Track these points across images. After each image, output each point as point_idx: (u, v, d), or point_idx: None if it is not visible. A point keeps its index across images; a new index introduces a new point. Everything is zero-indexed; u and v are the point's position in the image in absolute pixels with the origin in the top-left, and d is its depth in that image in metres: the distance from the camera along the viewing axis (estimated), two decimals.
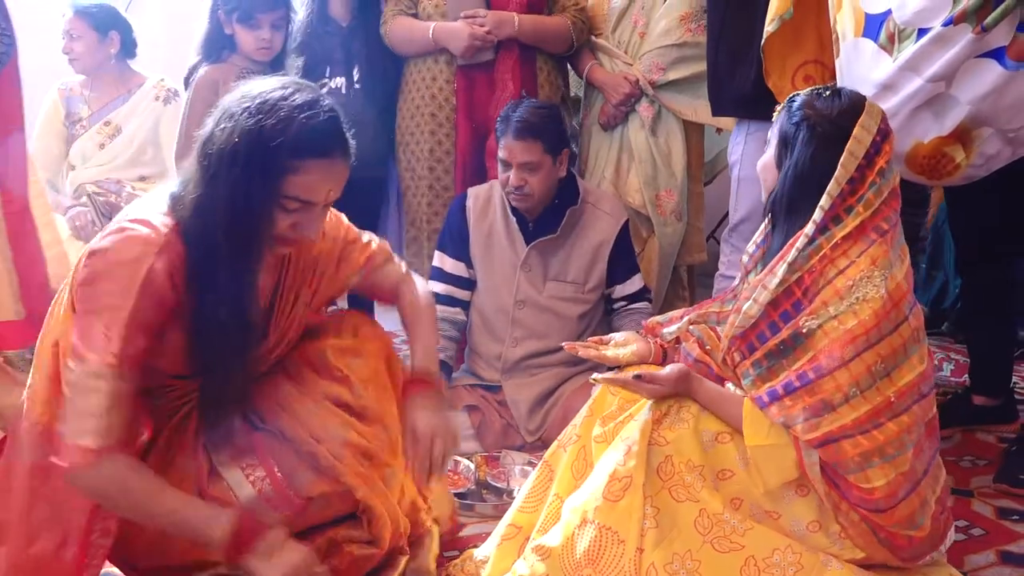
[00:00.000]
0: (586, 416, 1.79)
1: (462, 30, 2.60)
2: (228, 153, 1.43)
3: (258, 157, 1.42)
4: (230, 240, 1.47)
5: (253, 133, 1.42)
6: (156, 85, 3.08)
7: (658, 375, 1.66)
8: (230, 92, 1.51)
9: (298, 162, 1.44)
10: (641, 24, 2.81)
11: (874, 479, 1.52)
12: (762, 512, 1.61)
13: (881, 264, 1.55)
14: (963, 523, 2.02)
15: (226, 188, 1.44)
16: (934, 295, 3.44)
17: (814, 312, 1.56)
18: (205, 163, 1.46)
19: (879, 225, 1.58)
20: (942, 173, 1.97)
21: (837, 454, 1.53)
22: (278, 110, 1.43)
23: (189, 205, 1.47)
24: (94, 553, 1.49)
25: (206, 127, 1.49)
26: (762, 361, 1.62)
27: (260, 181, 1.44)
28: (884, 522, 1.55)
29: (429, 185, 2.77)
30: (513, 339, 2.51)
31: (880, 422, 1.53)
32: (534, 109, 2.38)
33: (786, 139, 1.65)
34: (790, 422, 1.55)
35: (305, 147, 1.44)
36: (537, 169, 2.37)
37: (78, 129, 3.03)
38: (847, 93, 1.66)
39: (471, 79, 2.69)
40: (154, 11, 3.61)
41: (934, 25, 1.80)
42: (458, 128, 2.71)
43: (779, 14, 2.12)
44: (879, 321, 1.53)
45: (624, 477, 1.59)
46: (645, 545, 1.55)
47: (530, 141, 2.34)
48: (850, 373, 1.52)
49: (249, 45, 2.58)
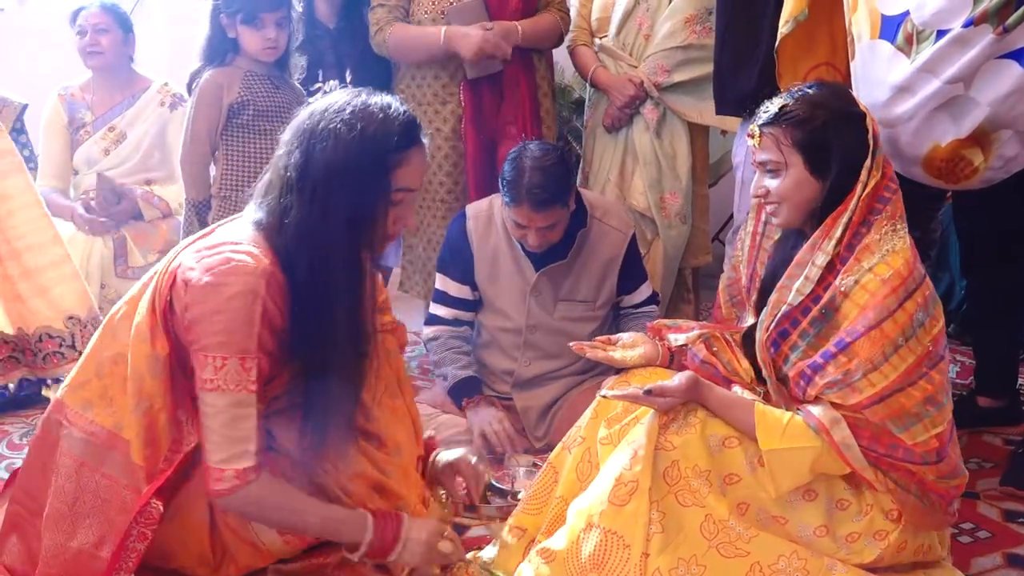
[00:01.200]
0: (591, 418, 1.79)
1: (476, 35, 2.56)
2: (338, 167, 1.49)
3: (369, 160, 1.51)
4: (343, 252, 1.53)
5: (359, 141, 1.50)
6: (161, 90, 3.06)
7: (668, 387, 1.65)
8: (302, 111, 1.57)
9: (403, 154, 1.54)
10: (646, 26, 2.81)
11: (932, 428, 1.58)
12: (769, 517, 1.61)
13: (899, 217, 1.63)
14: (969, 525, 2.01)
15: (341, 201, 1.50)
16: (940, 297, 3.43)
17: (849, 270, 1.60)
18: (304, 185, 1.50)
19: (888, 185, 1.65)
20: (960, 176, 1.96)
21: (893, 409, 1.56)
22: (371, 114, 1.52)
23: (292, 231, 1.52)
24: (128, 556, 1.52)
25: (286, 154, 1.53)
26: (808, 329, 1.64)
27: (375, 182, 1.52)
28: (936, 474, 1.60)
29: (441, 199, 2.75)
30: (526, 359, 2.49)
31: (924, 371, 1.58)
32: (545, 171, 2.22)
33: (819, 146, 1.63)
34: (846, 382, 1.57)
35: (406, 139, 1.55)
36: (556, 225, 2.31)
37: (82, 135, 3.00)
38: (813, 84, 1.72)
39: (478, 89, 2.68)
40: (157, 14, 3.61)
41: (954, 26, 1.78)
42: (466, 138, 2.70)
43: (794, 16, 2.11)
44: (911, 269, 1.59)
45: (630, 481, 1.58)
46: (651, 550, 1.55)
47: (550, 210, 2.26)
48: (896, 323, 1.56)
49: (255, 46, 2.57)
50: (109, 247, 2.93)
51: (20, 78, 3.22)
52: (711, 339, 1.81)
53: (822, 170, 1.64)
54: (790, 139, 1.64)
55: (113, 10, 2.97)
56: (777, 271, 1.74)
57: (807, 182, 1.65)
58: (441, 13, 2.64)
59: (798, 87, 1.71)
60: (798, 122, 1.64)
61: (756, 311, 1.79)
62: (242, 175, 2.58)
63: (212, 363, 1.47)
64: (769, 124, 1.66)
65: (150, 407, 1.54)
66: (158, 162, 3.03)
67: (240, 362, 1.47)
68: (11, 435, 2.57)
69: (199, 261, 1.50)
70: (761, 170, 1.70)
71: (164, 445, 1.55)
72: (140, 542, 1.52)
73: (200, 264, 1.50)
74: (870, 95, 1.97)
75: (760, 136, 1.67)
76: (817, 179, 1.65)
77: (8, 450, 2.48)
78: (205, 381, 1.48)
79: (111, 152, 3.00)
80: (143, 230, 2.88)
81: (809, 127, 1.63)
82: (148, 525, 1.51)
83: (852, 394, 1.57)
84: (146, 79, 3.07)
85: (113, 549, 1.51)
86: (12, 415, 2.70)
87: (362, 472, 1.65)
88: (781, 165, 1.66)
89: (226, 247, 1.51)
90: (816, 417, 1.59)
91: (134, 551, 1.52)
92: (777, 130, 1.65)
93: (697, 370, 1.76)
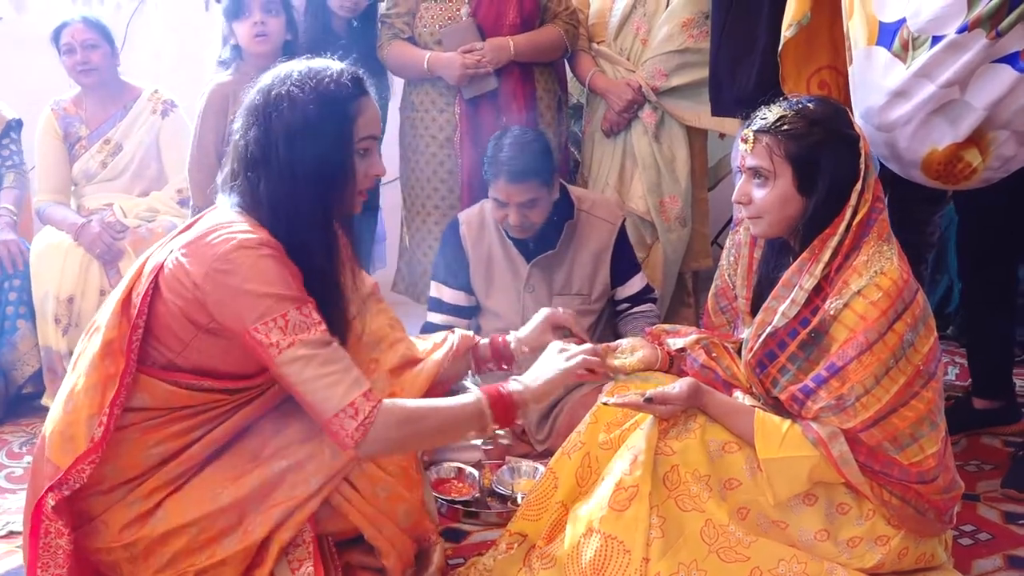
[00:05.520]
0: (590, 423, 1.79)
1: (455, 60, 2.61)
2: (298, 130, 1.48)
3: (330, 114, 1.50)
4: (319, 213, 1.52)
5: (315, 98, 1.49)
6: (151, 97, 3.01)
7: (669, 395, 1.65)
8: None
9: (357, 103, 1.54)
10: (643, 31, 2.81)
11: (927, 447, 1.59)
12: (769, 522, 1.61)
13: (886, 237, 1.63)
14: (970, 527, 2.01)
15: (307, 163, 1.49)
16: (938, 299, 3.43)
17: (838, 292, 1.59)
18: (268, 156, 1.49)
19: (875, 206, 1.64)
20: (959, 177, 1.97)
21: (888, 431, 1.57)
22: (318, 73, 1.52)
23: (266, 203, 1.51)
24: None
25: (243, 134, 1.53)
26: (798, 353, 1.63)
27: (339, 136, 1.52)
28: (930, 492, 1.60)
29: (435, 205, 2.77)
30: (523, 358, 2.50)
31: (916, 391, 1.59)
32: (522, 145, 2.33)
33: (809, 161, 1.63)
34: (840, 407, 1.57)
35: (356, 89, 1.54)
36: (535, 204, 2.36)
37: (78, 149, 2.97)
38: (813, 99, 1.71)
39: (475, 104, 2.70)
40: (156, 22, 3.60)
41: (948, 32, 1.80)
42: (461, 150, 2.71)
43: (797, 19, 2.12)
44: (900, 289, 1.58)
45: (630, 487, 1.58)
46: (651, 555, 1.55)
47: (526, 183, 2.31)
48: (886, 345, 1.56)
49: (246, 37, 2.54)
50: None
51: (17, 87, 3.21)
52: (710, 345, 1.81)
53: (808, 188, 1.63)
54: (783, 150, 1.64)
55: (97, 24, 2.90)
56: (763, 288, 1.75)
57: (792, 198, 1.65)
58: (438, 28, 2.67)
59: (799, 99, 1.70)
60: (794, 135, 1.63)
61: (751, 321, 1.79)
62: None
63: (275, 325, 1.43)
64: (765, 132, 1.66)
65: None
66: (155, 172, 3.02)
67: (298, 310, 1.45)
68: (10, 444, 2.58)
69: (196, 254, 1.47)
70: (749, 175, 1.70)
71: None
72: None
73: (200, 255, 1.47)
74: (867, 100, 1.98)
75: (754, 142, 1.67)
76: (802, 196, 1.64)
77: (8, 459, 2.48)
78: (276, 345, 1.44)
79: (108, 164, 2.98)
80: (140, 235, 2.87)
81: (804, 142, 1.63)
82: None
83: (846, 419, 1.58)
84: (136, 88, 3.03)
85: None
86: (12, 424, 2.70)
87: (365, 471, 1.63)
88: (770, 174, 1.66)
89: (221, 231, 1.48)
90: (815, 430, 1.60)
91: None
92: (772, 139, 1.65)
93: (696, 375, 1.76)
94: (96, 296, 2.81)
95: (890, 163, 2.07)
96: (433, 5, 2.69)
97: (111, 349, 1.51)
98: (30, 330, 2.78)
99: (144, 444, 1.55)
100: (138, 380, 1.52)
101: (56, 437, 1.52)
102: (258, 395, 1.62)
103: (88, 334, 1.59)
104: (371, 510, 1.64)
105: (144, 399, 1.54)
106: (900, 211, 2.59)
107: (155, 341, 1.53)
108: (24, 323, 2.79)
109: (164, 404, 1.55)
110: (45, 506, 1.46)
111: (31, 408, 2.80)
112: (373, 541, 1.65)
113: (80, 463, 1.47)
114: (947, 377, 3.03)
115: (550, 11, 2.78)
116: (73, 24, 2.87)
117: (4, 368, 2.78)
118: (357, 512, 1.63)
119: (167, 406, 1.55)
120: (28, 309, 2.79)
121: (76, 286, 2.77)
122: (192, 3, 3.41)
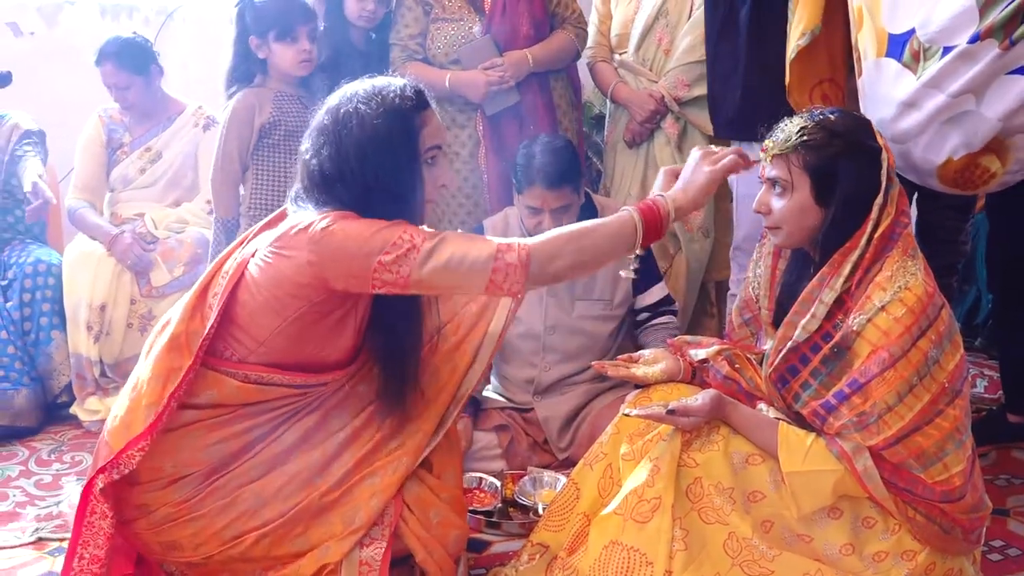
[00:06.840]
0: (612, 434, 1.79)
1: (478, 78, 2.63)
2: (368, 144, 1.55)
3: (398, 128, 1.57)
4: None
5: (383, 114, 1.56)
6: (195, 112, 3.08)
7: (692, 407, 1.64)
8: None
9: (422, 115, 1.61)
10: (666, 41, 2.81)
11: (952, 466, 1.55)
12: (794, 535, 1.60)
13: (911, 252, 1.60)
14: (999, 543, 1.99)
15: (380, 175, 1.56)
16: (966, 310, 3.39)
17: (861, 308, 1.57)
18: (343, 171, 1.56)
19: (900, 220, 1.62)
20: (977, 183, 1.96)
21: (912, 449, 1.54)
22: (382, 90, 1.59)
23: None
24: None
25: (315, 153, 1.58)
26: (820, 368, 1.62)
27: (408, 147, 1.59)
28: (955, 511, 1.57)
29: (461, 220, 2.77)
30: (546, 363, 2.51)
31: (940, 408, 1.55)
32: (555, 151, 2.36)
33: (827, 173, 1.62)
34: (862, 424, 1.55)
35: (419, 101, 1.62)
36: (569, 209, 2.38)
37: (119, 155, 3.03)
38: (836, 110, 1.69)
39: (496, 118, 2.71)
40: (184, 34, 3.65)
41: (959, 42, 1.78)
42: (487, 164, 2.72)
43: (809, 29, 2.13)
44: (925, 305, 1.55)
45: (653, 499, 1.58)
46: (674, 567, 1.55)
47: (562, 188, 2.34)
48: (910, 362, 1.53)
49: (290, 61, 2.58)
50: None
51: (48, 100, 3.26)
52: (733, 356, 1.80)
53: (827, 199, 1.62)
54: (802, 162, 1.63)
55: (129, 63, 2.90)
56: (785, 299, 1.74)
57: (811, 209, 1.64)
58: (453, 48, 2.68)
59: (822, 110, 1.68)
60: (813, 147, 1.62)
61: (773, 333, 1.78)
62: (271, 194, 2.61)
63: (401, 246, 1.49)
64: (784, 143, 1.65)
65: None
66: (190, 182, 3.06)
67: (404, 231, 1.51)
68: (39, 451, 2.61)
69: (293, 243, 1.54)
70: (768, 186, 1.69)
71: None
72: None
73: (297, 241, 1.53)
74: (877, 112, 1.97)
75: (772, 154, 1.67)
76: (821, 207, 1.63)
77: (37, 466, 2.52)
78: (414, 249, 1.50)
79: (146, 171, 3.04)
80: (169, 245, 2.91)
81: (823, 154, 1.61)
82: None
83: (868, 436, 1.55)
84: (180, 103, 3.09)
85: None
86: (42, 432, 2.74)
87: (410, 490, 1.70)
88: (788, 185, 1.65)
89: (304, 220, 1.55)
90: (839, 444, 1.58)
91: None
92: (791, 151, 1.64)
93: (719, 386, 1.75)
94: (127, 304, 2.86)
95: (907, 173, 2.06)
96: (445, 25, 2.70)
97: (178, 343, 1.58)
98: (64, 341, 2.84)
99: (205, 441, 1.60)
100: (206, 376, 1.59)
101: (116, 421, 1.59)
102: (318, 406, 1.68)
103: (160, 328, 1.66)
104: (425, 535, 1.67)
105: (212, 395, 1.60)
106: (928, 221, 2.57)
107: (239, 332, 1.59)
108: (58, 334, 2.85)
109: (232, 400, 1.60)
110: (95, 486, 1.53)
111: (60, 417, 2.84)
112: (423, 564, 1.68)
113: (130, 447, 1.53)
114: (975, 390, 2.99)
115: (559, 17, 2.80)
116: (104, 67, 2.90)
117: (41, 377, 2.82)
118: (412, 535, 1.66)
119: (235, 402, 1.61)
120: (61, 320, 2.85)
121: (108, 294, 2.83)
122: (219, 17, 3.45)
